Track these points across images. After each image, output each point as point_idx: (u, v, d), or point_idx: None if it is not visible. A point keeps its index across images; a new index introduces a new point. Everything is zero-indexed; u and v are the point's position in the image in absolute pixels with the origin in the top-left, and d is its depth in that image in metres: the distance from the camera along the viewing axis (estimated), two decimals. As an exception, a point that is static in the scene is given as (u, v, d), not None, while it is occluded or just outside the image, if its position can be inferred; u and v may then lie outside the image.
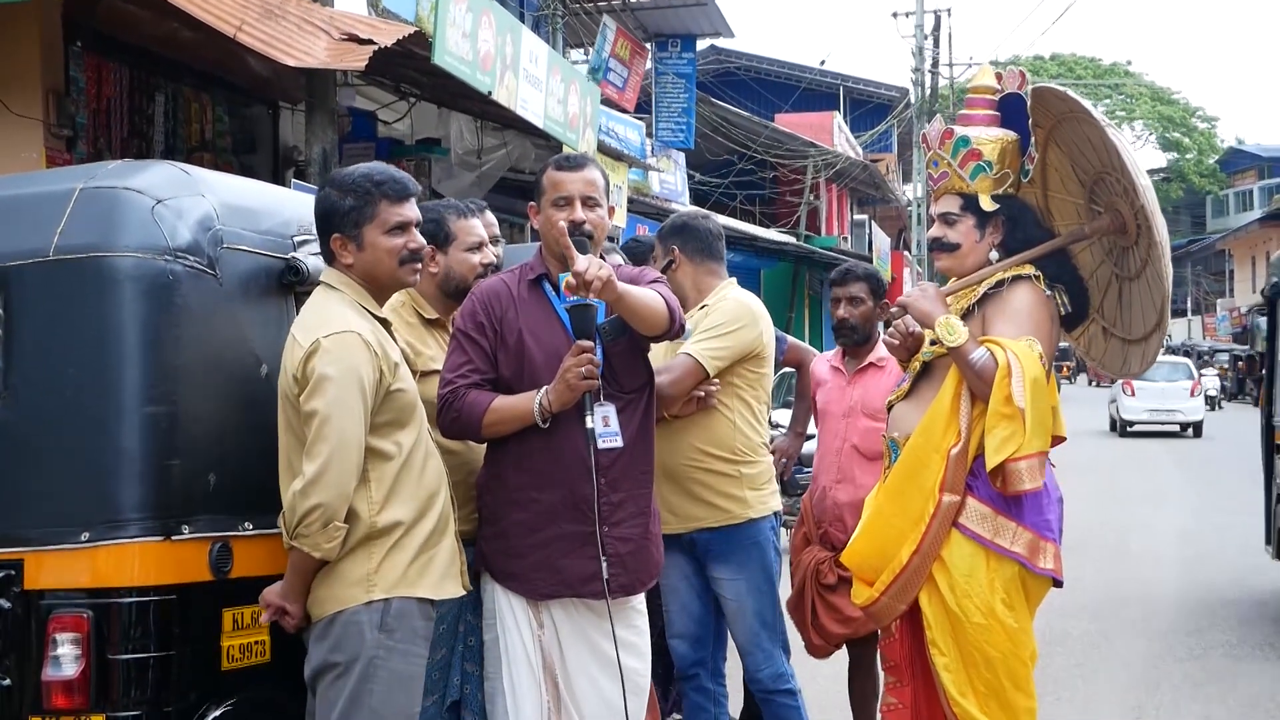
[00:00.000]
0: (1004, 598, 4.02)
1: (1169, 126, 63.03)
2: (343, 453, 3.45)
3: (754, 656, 4.92)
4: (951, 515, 4.03)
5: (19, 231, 3.57)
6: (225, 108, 10.93)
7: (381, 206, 3.66)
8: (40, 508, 3.48)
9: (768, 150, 26.88)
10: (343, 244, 3.66)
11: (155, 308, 3.51)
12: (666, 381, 4.61)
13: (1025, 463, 3.92)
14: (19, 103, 8.54)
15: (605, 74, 18.31)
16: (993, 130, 4.27)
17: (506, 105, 11.52)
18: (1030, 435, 3.90)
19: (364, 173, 3.70)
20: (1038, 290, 4.15)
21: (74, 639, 3.39)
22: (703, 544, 4.83)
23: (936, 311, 4.11)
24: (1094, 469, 19.81)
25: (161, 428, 3.49)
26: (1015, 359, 3.92)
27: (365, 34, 9.04)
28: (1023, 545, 4.02)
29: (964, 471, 4.02)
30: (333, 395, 3.45)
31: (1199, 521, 14.67)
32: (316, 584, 3.56)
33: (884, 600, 4.14)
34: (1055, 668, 7.95)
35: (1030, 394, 3.90)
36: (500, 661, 3.97)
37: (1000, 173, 4.23)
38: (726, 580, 4.84)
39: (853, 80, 40.63)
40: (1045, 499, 4.08)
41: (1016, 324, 4.07)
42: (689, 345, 4.75)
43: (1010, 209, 4.25)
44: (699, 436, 4.79)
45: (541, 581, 3.94)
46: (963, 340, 4.00)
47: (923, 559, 4.05)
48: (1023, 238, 4.24)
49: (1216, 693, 7.43)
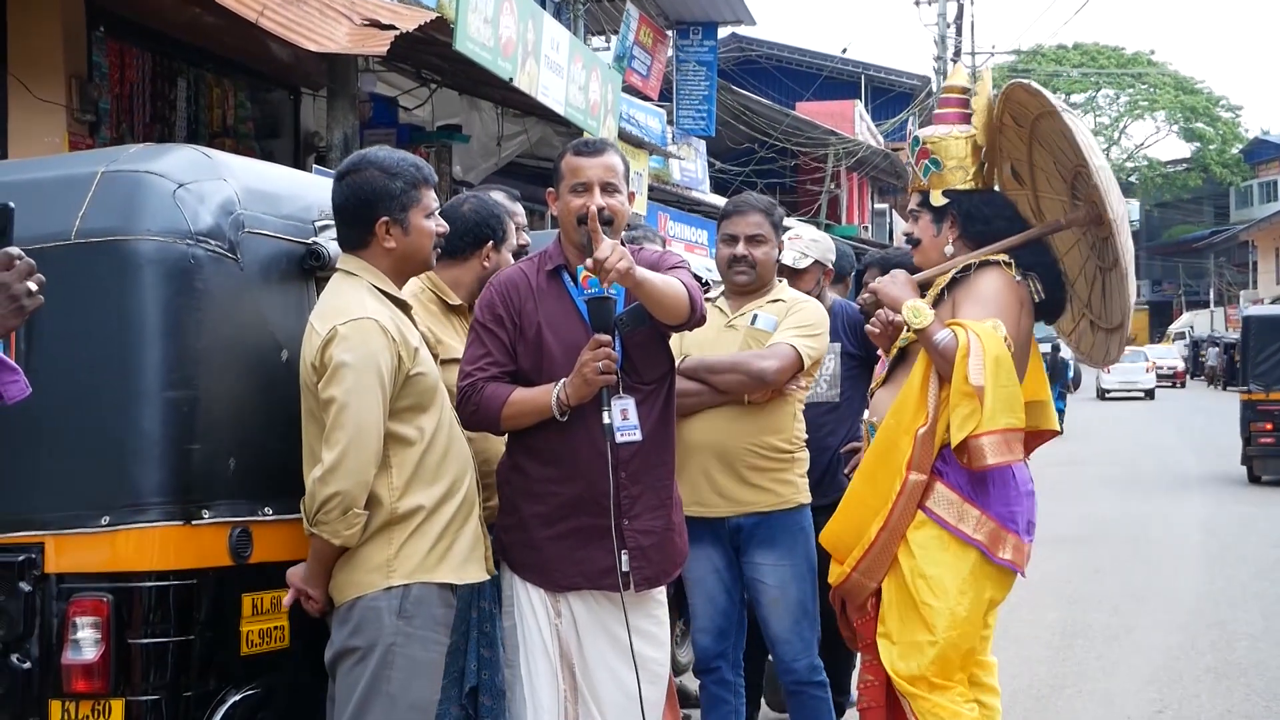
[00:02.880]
0: (960, 584, 4.06)
1: (1192, 117, 62.63)
2: (361, 440, 3.44)
3: (792, 646, 4.88)
4: (918, 495, 4.08)
5: (41, 215, 3.56)
6: (247, 93, 10.95)
7: (424, 190, 3.68)
8: (61, 491, 3.48)
9: (788, 138, 26.80)
10: (388, 227, 3.64)
11: (176, 292, 3.50)
12: (774, 368, 4.71)
13: (988, 439, 3.97)
14: (42, 88, 8.55)
15: (630, 62, 18.28)
16: (943, 128, 4.39)
17: (528, 92, 11.51)
18: (992, 412, 3.96)
19: (400, 156, 3.69)
20: (1006, 275, 4.22)
21: (94, 623, 3.39)
22: (748, 529, 4.82)
23: (904, 296, 4.22)
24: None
25: (182, 412, 3.48)
26: (976, 339, 3.99)
27: (387, 19, 9.04)
28: (984, 534, 4.06)
29: (931, 451, 4.08)
30: (350, 383, 3.44)
31: (1220, 513, 14.60)
32: (337, 569, 3.56)
33: (854, 577, 4.19)
34: (1076, 660, 7.92)
35: (991, 372, 3.96)
36: (518, 649, 3.96)
37: (952, 169, 4.34)
38: (770, 566, 4.80)
39: (874, 69, 40.51)
40: (1013, 491, 4.13)
41: (983, 306, 4.15)
42: (788, 336, 4.79)
43: (967, 203, 4.34)
44: (764, 424, 4.81)
45: (560, 574, 3.92)
46: (928, 323, 4.09)
47: (890, 534, 4.10)
48: (984, 231, 4.32)
49: (1239, 685, 7.39)
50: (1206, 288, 65.14)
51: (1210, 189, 65.01)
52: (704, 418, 4.79)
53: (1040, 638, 8.40)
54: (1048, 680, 7.40)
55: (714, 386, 4.77)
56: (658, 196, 18.85)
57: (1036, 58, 59.89)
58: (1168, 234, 70.06)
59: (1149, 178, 64.83)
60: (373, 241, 3.65)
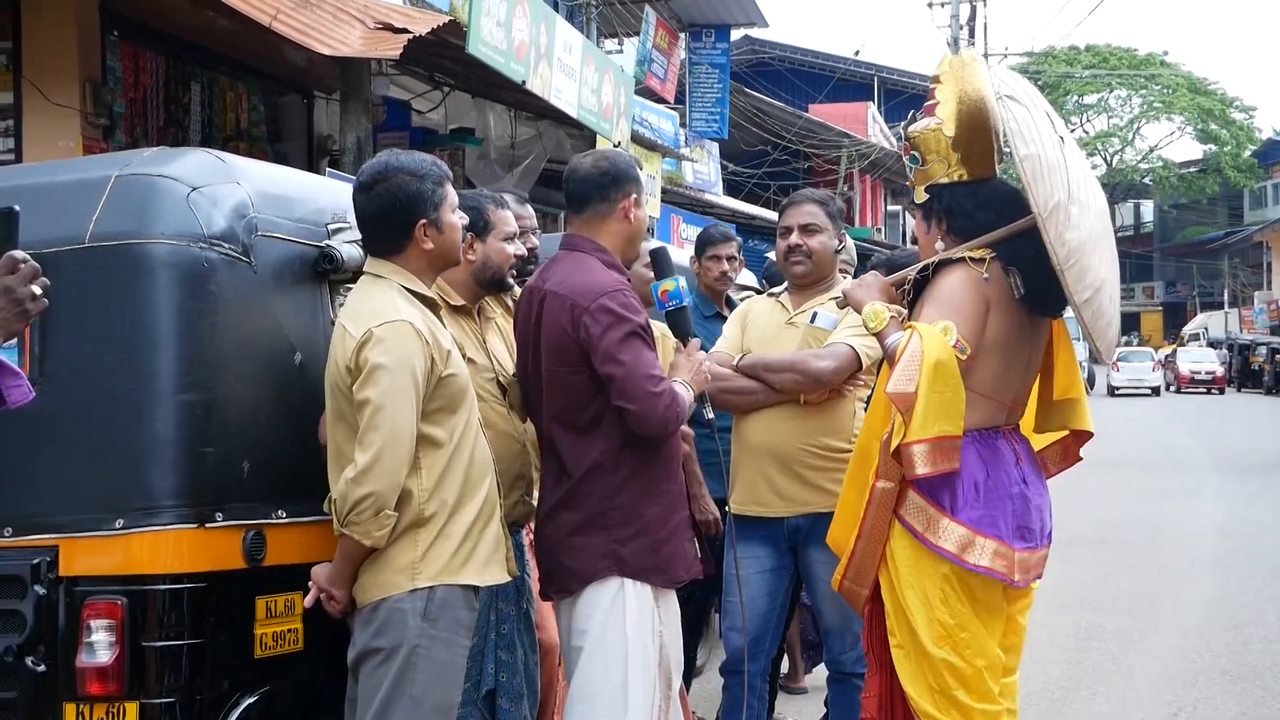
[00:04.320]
0: (940, 595, 3.93)
1: (1207, 119, 62.38)
2: (395, 442, 3.45)
3: (843, 639, 4.89)
4: (889, 503, 3.97)
5: (55, 218, 3.57)
6: (260, 97, 10.98)
7: (447, 186, 3.70)
8: (75, 494, 3.49)
9: (801, 140, 26.81)
10: (425, 228, 3.64)
11: (190, 295, 3.51)
12: (830, 369, 4.71)
13: (918, 447, 3.80)
14: (57, 92, 8.59)
15: (649, 65, 18.30)
16: (921, 122, 4.21)
17: (540, 95, 11.52)
18: (923, 420, 3.77)
19: (420, 157, 3.71)
20: (969, 273, 4.00)
21: (108, 626, 3.40)
22: (806, 528, 4.81)
23: (866, 299, 4.09)
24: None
25: (196, 415, 3.49)
26: (918, 342, 3.81)
27: (400, 23, 9.06)
28: (953, 542, 3.90)
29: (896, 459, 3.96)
30: (386, 385, 3.44)
31: (1235, 516, 14.55)
32: (362, 570, 3.55)
33: (845, 583, 4.13)
34: (1090, 663, 7.90)
35: (928, 378, 3.77)
36: (589, 664, 3.90)
37: (932, 162, 4.16)
38: (826, 564, 4.72)
39: (887, 70, 40.51)
40: (992, 494, 3.95)
41: (938, 308, 3.98)
42: (847, 336, 4.77)
43: (948, 198, 4.15)
44: (821, 424, 4.81)
45: (677, 567, 3.99)
46: (882, 326, 3.98)
47: (867, 543, 4.01)
48: (969, 225, 4.11)
49: (1255, 688, 7.36)
50: (1221, 289, 64.91)
51: (1224, 190, 64.74)
52: (760, 418, 4.81)
53: (1055, 640, 8.37)
54: (1062, 683, 7.38)
55: (770, 385, 4.78)
56: (670, 199, 18.86)
57: (1048, 59, 59.73)
58: (1182, 235, 69.86)
59: (1164, 178, 64.61)
60: (410, 245, 3.65)
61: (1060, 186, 3.89)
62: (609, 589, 3.89)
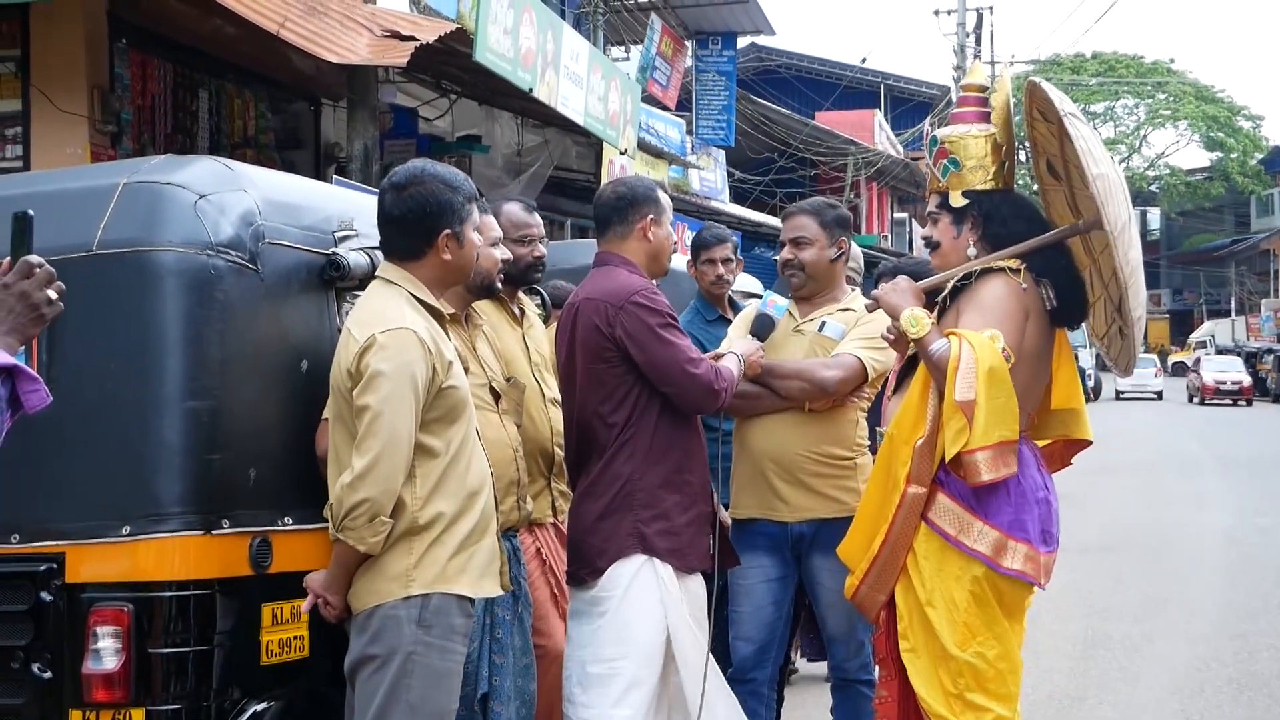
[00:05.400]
0: (970, 597, 3.97)
1: (1213, 126, 62.32)
2: (392, 449, 3.45)
3: (847, 646, 4.90)
4: (919, 507, 4.01)
5: (63, 226, 3.57)
6: (268, 104, 11.00)
7: (474, 205, 3.74)
8: (81, 501, 3.50)
9: (808, 148, 26.81)
10: (448, 240, 3.66)
11: (197, 302, 3.52)
12: (836, 378, 4.75)
13: (981, 454, 3.87)
14: (64, 99, 8.60)
15: (651, 72, 18.32)
16: (961, 127, 4.26)
17: (547, 102, 11.53)
18: (985, 427, 3.85)
19: (453, 171, 3.74)
20: (1010, 282, 4.09)
21: (114, 632, 3.40)
22: (810, 535, 4.82)
23: (903, 304, 4.11)
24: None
25: (202, 422, 3.50)
26: (970, 351, 3.88)
27: (407, 31, 9.08)
28: (987, 544, 3.96)
29: (930, 463, 4.00)
30: (386, 391, 3.45)
31: (1242, 523, 14.52)
32: (357, 577, 3.56)
33: (863, 590, 4.15)
34: (1097, 671, 7.88)
35: (984, 385, 3.85)
36: (632, 644, 4.11)
37: (971, 168, 4.21)
38: (830, 571, 4.73)
39: (893, 78, 40.52)
40: (1021, 498, 4.01)
41: (983, 316, 4.03)
42: (855, 347, 4.80)
43: (988, 204, 4.20)
44: (823, 433, 4.82)
45: (692, 556, 4.23)
46: (925, 332, 4.01)
47: (892, 549, 4.04)
48: (1002, 233, 4.19)
49: (1262, 696, 7.34)
50: (1228, 296, 64.76)
51: (1231, 198, 64.66)
52: (764, 423, 4.82)
53: (1061, 648, 8.36)
54: (1069, 691, 7.37)
55: (776, 391, 4.78)
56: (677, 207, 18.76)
57: (1054, 67, 59.72)
58: (1188, 243, 69.74)
59: (1171, 185, 64.54)
60: (429, 253, 3.66)
61: (1125, 206, 4.00)
62: (632, 565, 4.13)
